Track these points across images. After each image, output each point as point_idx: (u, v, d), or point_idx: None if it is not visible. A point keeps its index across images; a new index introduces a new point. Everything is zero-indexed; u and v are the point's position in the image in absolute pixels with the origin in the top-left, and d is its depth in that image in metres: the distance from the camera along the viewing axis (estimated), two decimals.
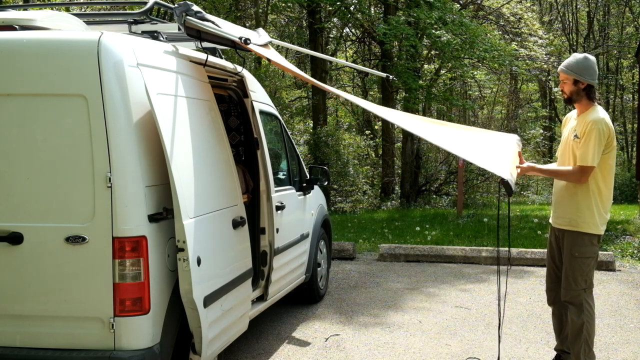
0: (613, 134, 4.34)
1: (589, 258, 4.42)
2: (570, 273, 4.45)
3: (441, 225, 12.23)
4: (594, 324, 4.48)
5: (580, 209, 4.38)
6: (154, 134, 3.56)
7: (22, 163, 3.48)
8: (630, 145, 29.03)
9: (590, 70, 4.35)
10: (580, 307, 4.43)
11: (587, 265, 4.42)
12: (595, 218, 4.37)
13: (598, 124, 4.26)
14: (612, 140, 4.33)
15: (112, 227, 3.38)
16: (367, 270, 8.46)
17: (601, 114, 4.33)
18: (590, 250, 4.42)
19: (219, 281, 4.00)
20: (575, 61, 4.38)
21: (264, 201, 5.33)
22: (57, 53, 3.47)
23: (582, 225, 4.39)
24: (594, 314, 4.48)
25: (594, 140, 4.24)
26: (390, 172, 19.64)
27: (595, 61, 4.40)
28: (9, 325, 3.51)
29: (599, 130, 4.24)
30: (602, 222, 4.41)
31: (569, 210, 4.43)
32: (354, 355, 5.22)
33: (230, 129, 5.93)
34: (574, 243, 4.43)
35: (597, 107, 4.39)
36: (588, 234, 4.39)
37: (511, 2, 20.02)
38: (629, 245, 9.97)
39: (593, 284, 4.52)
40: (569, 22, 29.63)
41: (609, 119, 4.36)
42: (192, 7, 4.08)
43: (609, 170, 4.39)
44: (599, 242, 4.48)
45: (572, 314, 4.47)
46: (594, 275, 4.56)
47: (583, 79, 4.34)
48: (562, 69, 4.42)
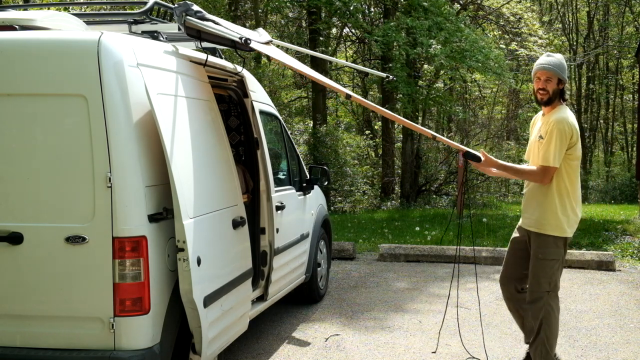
0: (577, 133, 4.29)
1: (553, 260, 4.38)
2: (534, 274, 4.43)
3: (441, 226, 12.23)
4: (555, 328, 4.42)
5: (546, 211, 4.35)
6: (154, 134, 3.56)
7: (22, 163, 3.48)
8: (630, 145, 29.04)
9: (566, 69, 4.37)
10: (540, 309, 4.40)
11: (551, 267, 4.38)
12: (560, 220, 4.33)
13: (560, 123, 4.23)
14: (577, 139, 4.29)
15: (112, 227, 3.38)
16: (367, 270, 8.47)
17: (564, 113, 4.30)
18: (555, 252, 4.38)
19: (219, 281, 4.00)
20: (557, 60, 4.37)
21: (264, 201, 5.33)
22: (57, 53, 3.47)
23: (546, 227, 4.36)
24: (557, 317, 4.44)
25: (555, 140, 4.21)
26: (390, 172, 19.65)
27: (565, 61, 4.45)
28: (9, 325, 3.51)
29: (561, 130, 4.21)
30: (569, 224, 4.37)
31: (535, 212, 4.42)
32: (354, 355, 5.22)
33: (230, 129, 5.93)
34: (539, 245, 4.41)
35: (563, 107, 4.36)
36: (553, 236, 4.36)
37: (511, 2, 20.02)
38: (629, 245, 9.97)
39: (558, 287, 4.47)
40: (568, 22, 29.63)
41: (573, 118, 4.33)
42: (192, 7, 4.07)
43: (573, 170, 4.35)
44: (566, 245, 4.44)
45: (531, 314, 4.46)
46: (560, 277, 4.52)
47: (564, 78, 4.36)
48: (548, 67, 4.32)
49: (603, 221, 12.78)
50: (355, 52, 23.93)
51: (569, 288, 7.46)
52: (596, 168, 29.35)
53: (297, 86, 23.13)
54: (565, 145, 4.23)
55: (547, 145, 4.24)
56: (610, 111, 31.28)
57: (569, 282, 7.73)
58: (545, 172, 4.28)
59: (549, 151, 4.23)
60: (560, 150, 4.22)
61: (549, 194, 4.34)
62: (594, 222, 12.51)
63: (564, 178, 4.32)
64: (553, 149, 4.21)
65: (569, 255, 8.70)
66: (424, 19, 15.36)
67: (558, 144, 4.20)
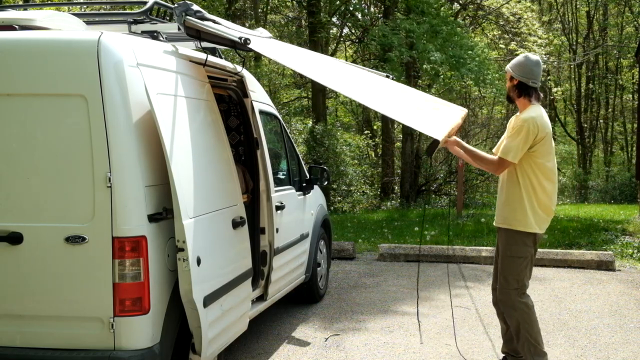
0: (545, 132, 4.31)
1: (521, 258, 4.41)
2: (502, 272, 4.48)
3: (441, 226, 12.23)
4: (535, 322, 4.45)
5: (514, 207, 4.40)
6: (154, 134, 3.56)
7: (22, 163, 3.48)
8: (630, 145, 29.03)
9: (523, 67, 4.38)
10: (512, 307, 4.43)
11: (519, 265, 4.41)
12: (528, 216, 4.36)
13: (526, 121, 4.29)
14: (544, 139, 4.31)
15: (112, 227, 3.38)
16: (367, 270, 8.47)
17: (533, 112, 4.34)
18: (523, 250, 4.41)
19: (219, 281, 4.00)
20: (516, 60, 4.46)
21: (263, 201, 5.33)
22: (57, 53, 3.47)
23: (514, 223, 4.40)
24: (532, 313, 4.45)
25: (518, 136, 4.28)
26: (390, 172, 19.65)
27: (536, 62, 4.40)
28: (9, 325, 3.51)
29: (525, 128, 4.27)
30: (537, 222, 4.39)
31: (504, 208, 4.47)
32: (354, 355, 5.22)
33: (230, 129, 5.93)
34: (507, 241, 4.45)
35: (533, 107, 4.39)
36: (520, 232, 4.38)
37: (511, 2, 20.03)
38: (629, 245, 9.97)
39: (526, 286, 4.48)
40: (568, 22, 29.63)
41: (542, 118, 4.34)
42: (192, 6, 4.07)
43: (540, 168, 4.36)
44: (535, 243, 4.46)
45: (505, 314, 4.51)
46: (530, 276, 4.53)
47: (515, 75, 4.39)
48: (506, 67, 4.51)
49: (603, 221, 12.79)
50: (355, 52, 23.94)
51: (569, 288, 7.46)
52: (596, 168, 29.34)
53: (296, 86, 23.14)
54: (528, 143, 4.29)
55: (510, 140, 4.35)
56: (610, 111, 31.27)
57: (569, 282, 7.73)
58: (500, 164, 4.38)
59: (509, 146, 4.32)
60: (522, 147, 4.29)
61: (515, 190, 4.40)
62: (594, 222, 12.51)
63: (530, 175, 4.36)
64: (514, 145, 4.30)
65: (569, 255, 8.71)
66: (422, 21, 15.30)
67: (521, 141, 4.28)
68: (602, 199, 21.81)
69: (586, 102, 30.58)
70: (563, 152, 31.82)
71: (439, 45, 15.14)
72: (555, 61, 27.17)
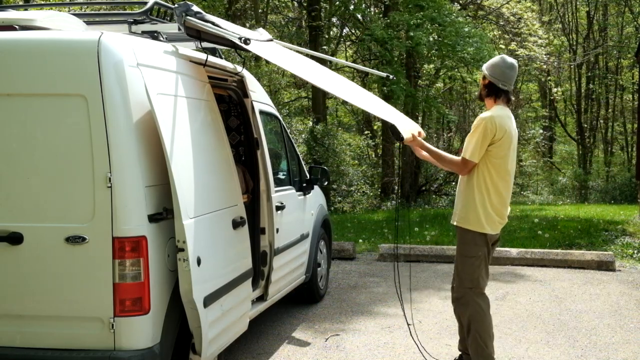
0: (502, 132, 4.29)
1: (472, 257, 4.41)
2: (457, 271, 4.51)
3: (441, 226, 12.23)
4: (487, 325, 4.44)
5: (466, 206, 4.41)
6: (154, 134, 3.56)
7: (22, 163, 3.48)
8: (630, 145, 29.02)
9: (496, 69, 4.39)
10: (466, 306, 4.45)
11: (472, 264, 4.41)
12: (479, 216, 4.36)
13: (484, 120, 4.31)
14: (502, 139, 4.30)
15: (112, 227, 3.38)
16: (367, 270, 8.47)
17: (494, 112, 4.35)
18: (474, 249, 4.40)
19: (219, 281, 4.00)
20: (492, 59, 4.50)
21: (264, 201, 5.33)
22: (57, 53, 3.47)
23: (465, 221, 4.41)
24: (486, 313, 4.45)
25: (476, 135, 4.31)
26: (390, 172, 19.65)
27: (510, 65, 4.40)
28: (9, 325, 3.51)
29: (482, 126, 4.28)
30: (487, 221, 4.37)
31: (458, 207, 4.50)
32: (354, 355, 5.22)
33: (230, 129, 5.93)
34: (460, 240, 4.48)
35: (497, 107, 4.41)
36: (471, 231, 4.39)
37: (511, 2, 20.03)
38: (629, 245, 9.97)
39: (481, 286, 4.46)
40: (568, 22, 29.63)
41: (502, 119, 4.32)
42: (192, 7, 4.07)
43: (496, 168, 4.35)
44: (487, 244, 4.44)
45: (459, 311, 4.53)
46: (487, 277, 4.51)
47: (487, 75, 4.42)
48: (482, 68, 4.56)
49: (603, 221, 12.78)
50: (355, 52, 23.94)
51: (569, 288, 7.46)
52: (596, 168, 29.32)
53: (297, 86, 23.14)
54: (487, 143, 4.30)
55: (470, 139, 4.38)
56: (610, 111, 31.25)
57: (569, 282, 7.73)
58: (464, 164, 4.39)
59: (469, 145, 4.35)
60: (481, 147, 4.29)
61: (469, 189, 4.41)
62: (594, 222, 12.51)
63: (485, 175, 4.36)
64: (473, 144, 4.31)
65: (569, 255, 8.71)
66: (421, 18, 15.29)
67: (479, 140, 4.29)
68: (602, 199, 21.81)
69: (586, 102, 30.58)
70: (563, 152, 31.84)
71: (436, 34, 15.13)
72: (555, 61, 27.15)
